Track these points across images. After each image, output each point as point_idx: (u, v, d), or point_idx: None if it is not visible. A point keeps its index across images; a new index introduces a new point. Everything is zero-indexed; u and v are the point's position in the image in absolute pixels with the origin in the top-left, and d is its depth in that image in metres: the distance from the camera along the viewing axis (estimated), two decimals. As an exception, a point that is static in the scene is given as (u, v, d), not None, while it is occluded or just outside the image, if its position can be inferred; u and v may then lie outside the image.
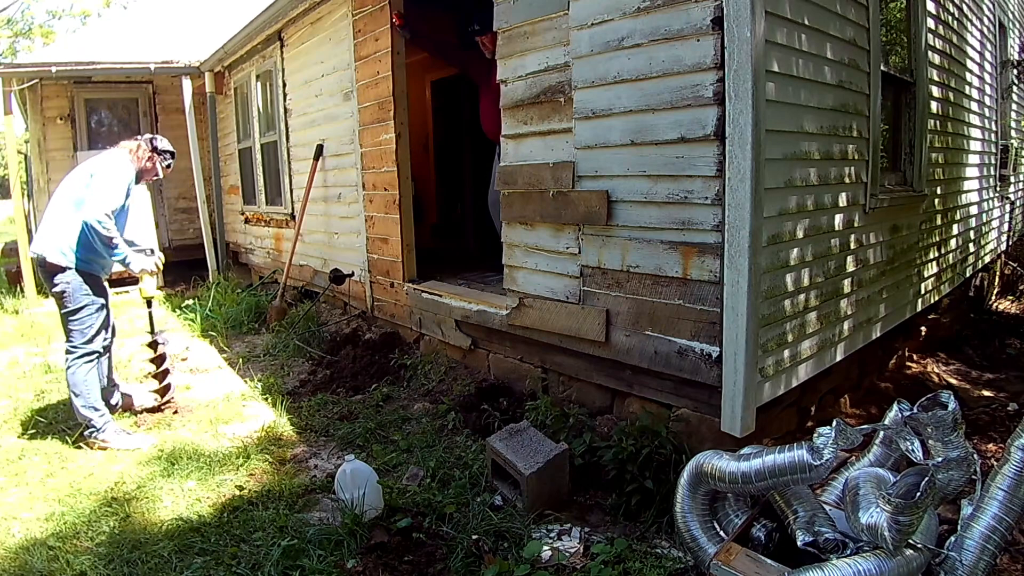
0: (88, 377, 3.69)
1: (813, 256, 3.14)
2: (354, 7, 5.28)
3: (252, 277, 8.85)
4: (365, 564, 2.52)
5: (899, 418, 2.35)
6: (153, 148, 3.89)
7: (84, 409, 3.68)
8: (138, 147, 3.86)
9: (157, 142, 3.92)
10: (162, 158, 3.94)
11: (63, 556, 2.64)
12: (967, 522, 2.06)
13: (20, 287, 8.20)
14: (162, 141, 3.96)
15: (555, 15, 3.35)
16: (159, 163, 3.94)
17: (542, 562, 2.56)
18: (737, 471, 2.25)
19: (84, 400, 3.67)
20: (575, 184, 3.35)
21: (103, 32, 10.53)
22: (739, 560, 2.08)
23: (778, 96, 2.78)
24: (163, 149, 3.93)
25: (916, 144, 4.21)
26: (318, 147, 5.86)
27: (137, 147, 3.86)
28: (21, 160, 12.70)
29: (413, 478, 3.24)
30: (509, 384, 4.14)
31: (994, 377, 4.79)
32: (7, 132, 8.86)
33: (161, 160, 3.94)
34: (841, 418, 2.21)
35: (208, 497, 3.15)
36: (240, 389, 4.73)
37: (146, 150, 3.87)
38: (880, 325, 3.93)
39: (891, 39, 4.31)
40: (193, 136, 8.64)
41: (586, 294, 3.42)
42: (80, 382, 3.67)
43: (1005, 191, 6.92)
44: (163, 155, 3.94)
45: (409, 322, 5.11)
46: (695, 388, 3.00)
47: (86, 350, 3.69)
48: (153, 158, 3.90)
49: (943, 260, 4.96)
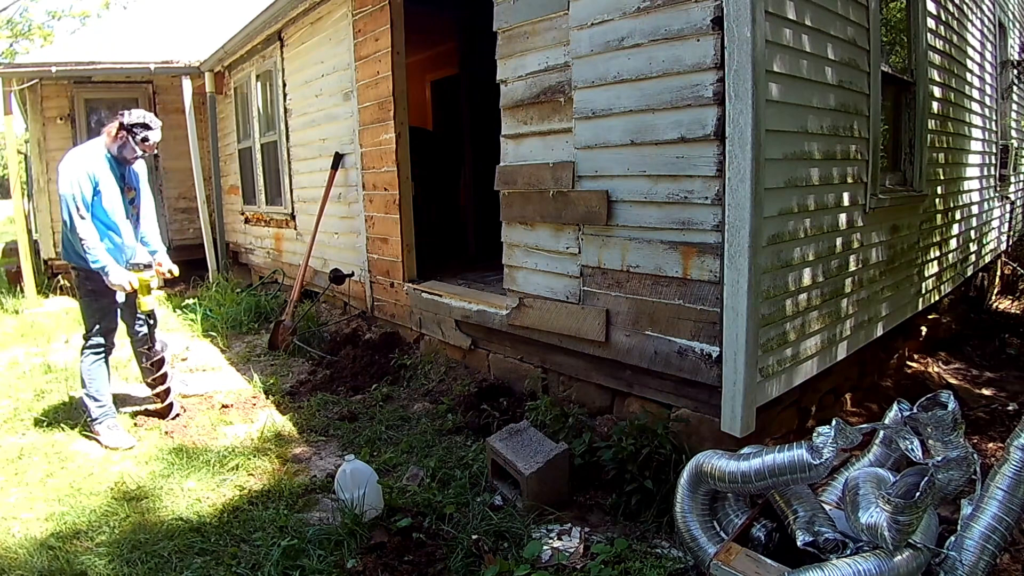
0: (93, 368, 3.78)
1: (813, 256, 3.14)
2: (354, 7, 5.28)
3: (252, 277, 8.86)
4: (365, 564, 2.52)
5: (899, 418, 2.35)
6: (120, 124, 3.61)
7: (85, 398, 3.81)
8: (111, 127, 3.65)
9: (125, 117, 3.63)
10: (133, 133, 3.62)
11: (63, 556, 2.64)
12: (967, 522, 2.06)
13: (20, 287, 8.20)
14: (131, 115, 3.63)
15: (555, 15, 3.35)
16: (132, 140, 3.64)
17: (542, 562, 2.56)
18: (737, 471, 2.25)
19: (86, 389, 3.80)
20: (575, 184, 3.35)
21: (103, 32, 10.52)
22: (739, 560, 2.08)
23: (778, 96, 2.77)
24: (131, 124, 3.60)
25: (916, 144, 4.21)
26: (336, 155, 5.78)
27: (111, 127, 3.65)
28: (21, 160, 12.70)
29: (413, 478, 3.24)
30: (509, 384, 4.14)
31: (994, 377, 4.79)
32: (7, 132, 8.86)
33: (132, 136, 3.63)
34: (841, 418, 2.21)
35: (208, 497, 3.15)
36: (240, 389, 4.73)
37: (115, 128, 3.63)
38: (881, 325, 3.93)
39: (891, 39, 4.31)
40: (193, 136, 8.64)
41: (586, 294, 3.42)
42: (84, 371, 3.79)
43: (1005, 191, 6.92)
44: (133, 130, 3.62)
45: (409, 322, 5.11)
46: (695, 388, 3.00)
47: (91, 342, 3.79)
48: (123, 135, 3.62)
49: (943, 260, 4.96)
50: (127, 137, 3.64)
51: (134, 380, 4.83)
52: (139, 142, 3.66)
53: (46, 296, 8.39)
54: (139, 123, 3.62)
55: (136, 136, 3.64)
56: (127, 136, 3.64)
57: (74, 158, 3.58)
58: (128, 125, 3.62)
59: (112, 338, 3.89)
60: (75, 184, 3.48)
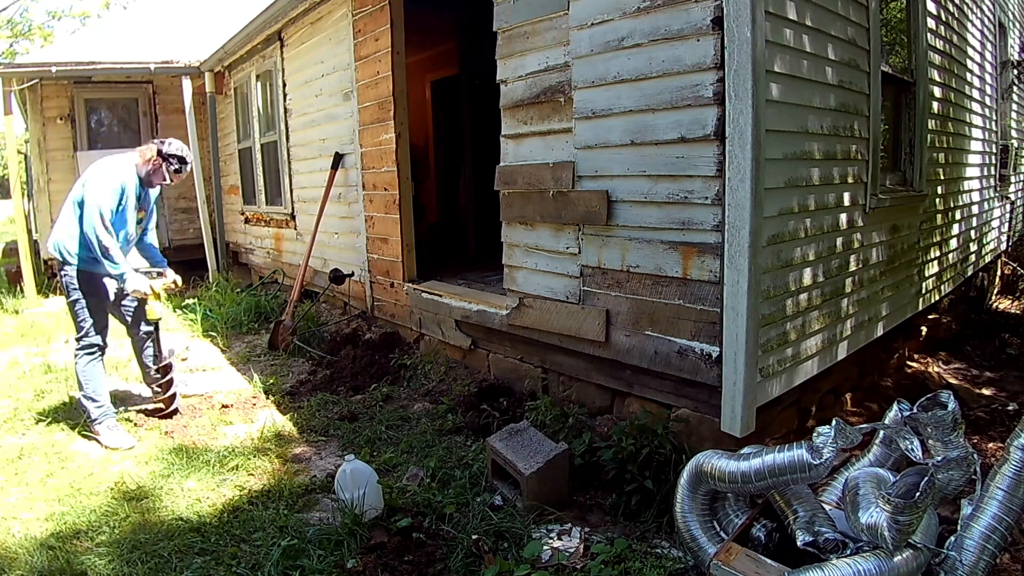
0: (87, 369, 3.80)
1: (814, 256, 3.14)
2: (354, 7, 5.28)
3: (252, 277, 8.86)
4: (365, 564, 2.52)
5: (899, 418, 2.35)
6: (159, 152, 3.77)
7: (83, 399, 3.83)
8: (147, 150, 3.81)
9: (164, 146, 3.79)
10: (168, 163, 3.78)
11: (63, 556, 2.64)
12: (967, 522, 2.06)
13: (20, 287, 8.20)
14: (171, 145, 3.80)
15: (555, 15, 3.35)
16: (166, 168, 3.79)
17: (542, 562, 2.56)
18: (737, 471, 2.25)
19: (83, 390, 3.81)
20: (575, 184, 3.35)
21: (103, 32, 10.52)
22: (739, 560, 2.08)
23: (778, 96, 2.77)
24: (169, 154, 3.77)
25: (916, 144, 4.21)
26: (336, 155, 5.80)
27: (146, 149, 3.81)
28: (21, 160, 12.70)
29: (413, 478, 3.24)
30: (509, 384, 4.14)
31: (994, 376, 4.79)
32: (7, 132, 8.86)
33: (168, 165, 3.79)
34: (841, 417, 2.21)
35: (208, 497, 3.15)
36: (240, 389, 4.73)
37: (152, 153, 3.77)
38: (881, 324, 3.93)
39: (891, 39, 4.31)
40: (193, 136, 8.63)
41: (586, 294, 3.42)
42: (80, 373, 3.81)
43: (1005, 191, 6.91)
44: (169, 160, 3.77)
45: (409, 322, 5.11)
46: (695, 388, 3.00)
47: (84, 343, 3.80)
48: (158, 162, 3.77)
49: (943, 260, 4.96)
50: (161, 165, 3.79)
51: (134, 380, 4.83)
52: (171, 172, 3.83)
53: (46, 296, 8.38)
54: (176, 155, 3.79)
55: (170, 167, 3.81)
56: (161, 164, 3.79)
57: (111, 170, 3.68)
58: (166, 154, 3.77)
59: (105, 337, 3.88)
60: (108, 194, 3.60)
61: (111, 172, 3.67)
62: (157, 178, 3.82)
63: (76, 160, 8.95)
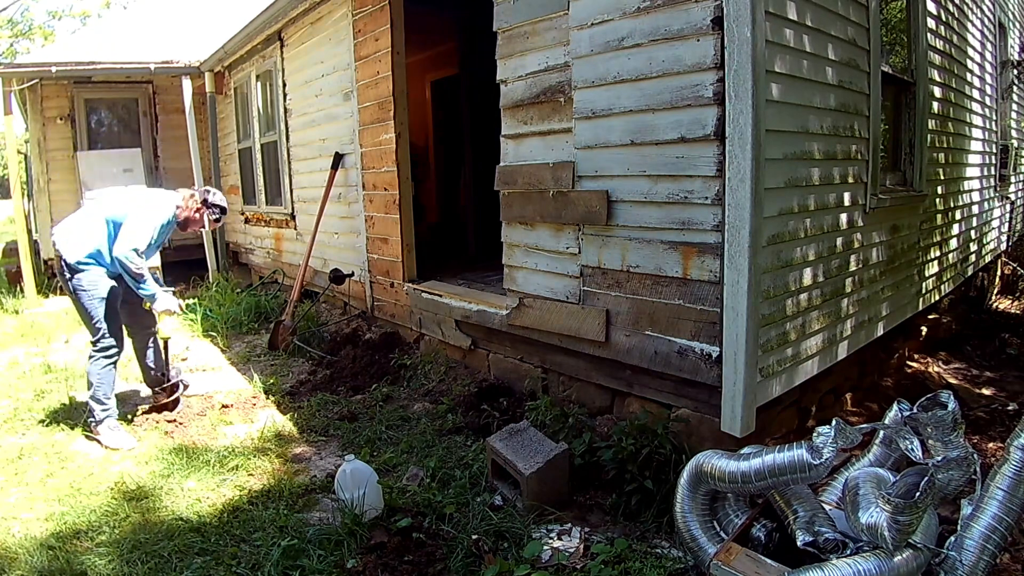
0: (103, 372, 3.84)
1: (814, 256, 3.14)
2: (354, 7, 5.28)
3: (252, 277, 8.86)
4: (365, 564, 2.52)
5: (899, 418, 2.35)
6: (204, 201, 4.01)
7: (91, 400, 3.83)
8: (191, 196, 4.03)
9: (210, 196, 4.05)
10: (211, 211, 4.04)
11: (63, 556, 2.64)
12: (967, 522, 2.06)
13: (20, 287, 8.20)
14: (215, 196, 4.08)
15: (555, 15, 3.35)
16: (207, 215, 4.04)
17: (542, 562, 2.56)
18: (737, 471, 2.25)
19: (94, 393, 3.83)
20: (575, 184, 3.35)
21: (103, 32, 10.51)
22: (739, 560, 2.08)
23: (778, 96, 2.77)
24: (213, 203, 4.03)
25: (916, 144, 4.21)
26: (336, 155, 5.80)
27: (191, 196, 4.03)
28: (21, 160, 12.70)
29: (413, 478, 3.24)
30: (509, 384, 4.14)
31: (994, 376, 4.79)
32: (7, 132, 8.86)
33: (210, 213, 4.04)
34: (841, 417, 2.21)
35: (208, 497, 3.15)
36: (240, 389, 4.73)
37: (196, 201, 4.01)
38: (881, 324, 3.93)
39: (891, 39, 4.31)
40: (193, 136, 8.64)
41: (586, 294, 3.42)
42: (94, 375, 3.83)
43: (1005, 191, 6.91)
44: (212, 208, 4.03)
45: (409, 322, 5.11)
46: (695, 388, 3.00)
47: (101, 345, 3.83)
48: (201, 210, 4.01)
49: (943, 260, 4.96)
50: (203, 213, 4.03)
51: (134, 380, 4.83)
52: (211, 220, 4.10)
53: (46, 296, 8.38)
54: (219, 206, 4.08)
55: (211, 216, 4.08)
56: (204, 212, 4.03)
57: (158, 204, 3.88)
58: (211, 203, 4.04)
59: (121, 338, 3.93)
60: (150, 230, 3.75)
61: (158, 208, 3.84)
62: (195, 225, 4.07)
63: (76, 160, 8.95)
